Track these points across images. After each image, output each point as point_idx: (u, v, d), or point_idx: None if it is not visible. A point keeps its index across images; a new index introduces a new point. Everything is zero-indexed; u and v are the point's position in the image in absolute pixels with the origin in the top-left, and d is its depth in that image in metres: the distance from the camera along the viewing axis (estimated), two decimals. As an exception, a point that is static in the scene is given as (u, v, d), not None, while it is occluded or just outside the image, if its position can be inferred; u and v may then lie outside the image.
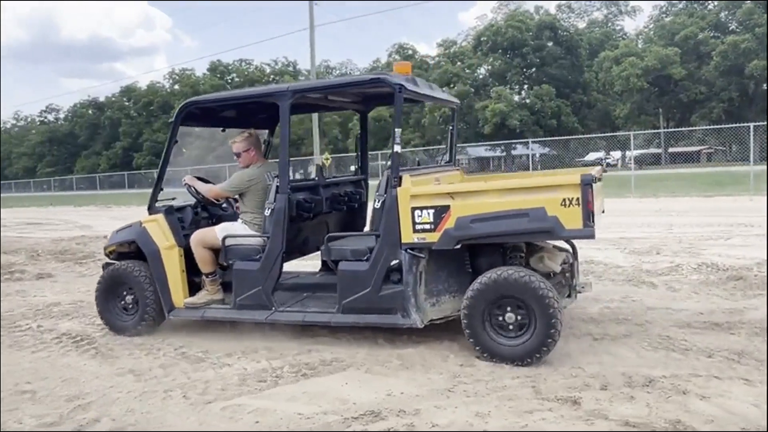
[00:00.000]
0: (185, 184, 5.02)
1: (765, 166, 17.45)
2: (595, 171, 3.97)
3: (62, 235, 13.97)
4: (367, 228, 5.31)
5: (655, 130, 38.22)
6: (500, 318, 3.82)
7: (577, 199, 3.59)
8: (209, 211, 5.23)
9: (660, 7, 47.50)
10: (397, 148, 4.05)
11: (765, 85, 38.84)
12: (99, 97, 70.28)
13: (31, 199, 41.36)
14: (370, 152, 5.67)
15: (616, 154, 43.16)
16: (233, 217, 5.07)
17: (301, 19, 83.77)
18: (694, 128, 36.01)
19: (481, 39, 48.34)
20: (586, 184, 3.57)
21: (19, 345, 4.80)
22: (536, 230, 3.72)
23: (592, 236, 3.63)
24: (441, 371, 3.73)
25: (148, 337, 4.81)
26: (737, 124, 23.41)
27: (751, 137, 18.18)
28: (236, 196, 4.90)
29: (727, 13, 41.99)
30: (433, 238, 3.91)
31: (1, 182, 59.52)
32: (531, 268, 4.14)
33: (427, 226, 3.91)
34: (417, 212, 3.93)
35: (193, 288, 4.85)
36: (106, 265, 5.19)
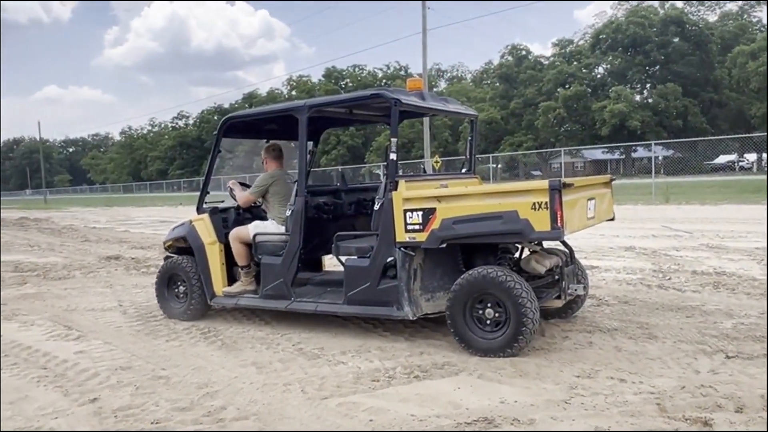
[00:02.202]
0: (228, 188, 5.63)
1: None
2: (581, 179, 4.42)
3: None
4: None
5: (798, 130, 34.75)
6: (480, 313, 4.15)
7: (546, 203, 3.82)
8: (252, 212, 5.76)
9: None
10: (393, 156, 4.40)
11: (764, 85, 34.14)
12: (224, 104, 75.13)
13: (163, 199, 44.82)
14: (481, 155, 5.85)
15: (751, 157, 39.76)
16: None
17: (414, 23, 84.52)
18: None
19: (600, 37, 46.45)
20: (554, 189, 3.81)
21: (155, 334, 5.21)
22: (508, 231, 3.98)
23: (559, 238, 3.97)
24: (557, 381, 3.61)
25: (269, 331, 5.06)
26: None
27: None
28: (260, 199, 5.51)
29: None
30: (421, 237, 4.25)
31: (133, 183, 64.88)
32: (521, 269, 4.52)
33: (417, 227, 4.27)
34: (408, 214, 4.29)
35: (232, 280, 5.50)
36: (166, 258, 5.93)
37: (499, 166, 41.03)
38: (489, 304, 4.11)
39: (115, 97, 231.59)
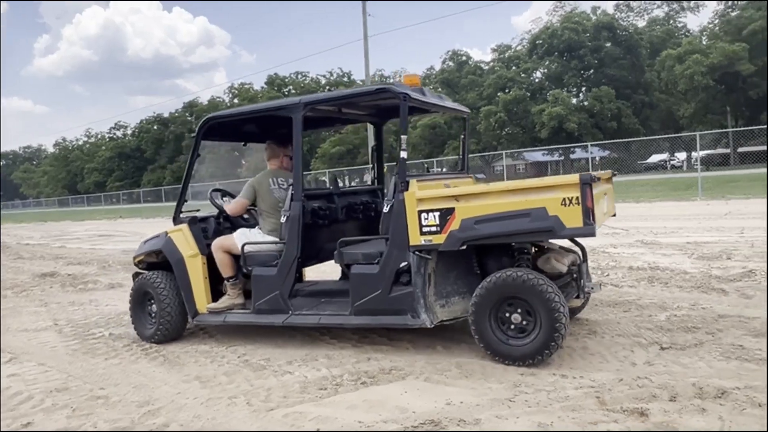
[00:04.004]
0: (210, 196, 5.25)
1: None
2: (600, 173, 4.20)
3: (131, 246, 14.55)
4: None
5: (723, 130, 36.61)
6: (506, 318, 3.92)
7: (577, 198, 3.67)
8: (232, 222, 5.39)
9: (725, 2, 45.59)
10: (404, 155, 4.15)
11: (765, 86, 36.61)
12: (163, 113, 73.25)
13: (102, 212, 43.31)
14: (425, 159, 5.82)
15: (681, 156, 41.67)
16: (252, 226, 5.24)
17: (356, 29, 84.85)
18: (765, 126, 34.25)
19: (537, 42, 47.70)
20: (585, 183, 3.65)
21: (93, 352, 5.02)
22: (538, 230, 3.78)
23: (592, 234, 3.71)
24: (501, 380, 3.68)
25: (214, 344, 4.96)
26: (813, 121, 22.14)
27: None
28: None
29: (799, 4, 39.90)
30: (439, 239, 4.01)
31: (69, 197, 62.54)
32: (538, 269, 4.23)
33: (434, 228, 4.02)
34: (423, 215, 4.05)
35: (217, 296, 5.09)
36: (135, 275, 5.47)
37: (444, 170, 41.56)
38: (515, 309, 3.89)
39: (48, 108, 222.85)
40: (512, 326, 3.91)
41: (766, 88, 33.22)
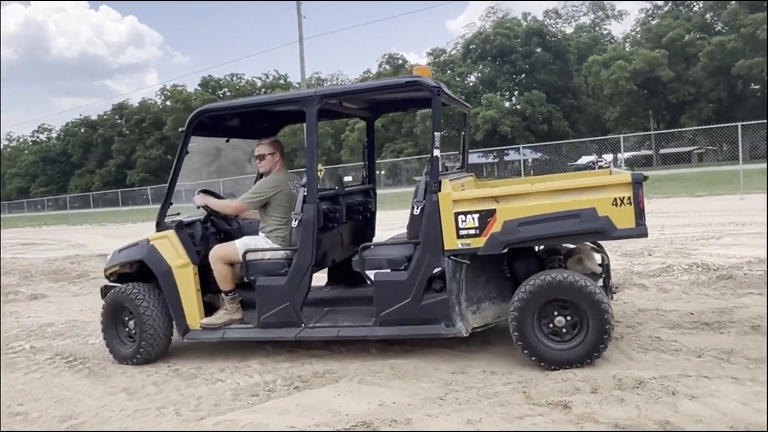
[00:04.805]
0: (200, 205, 4.73)
1: (754, 165, 17.56)
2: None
3: (56, 254, 13.94)
4: (385, 235, 5.27)
5: (646, 132, 38.46)
6: (549, 322, 3.77)
7: (629, 198, 3.60)
8: (217, 226, 4.96)
9: (646, 10, 47.98)
10: (437, 152, 3.94)
11: (755, 84, 39.12)
12: (91, 116, 70.43)
13: (25, 220, 41.22)
14: (363, 162, 5.65)
15: (608, 157, 43.27)
16: (239, 232, 4.92)
17: (291, 32, 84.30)
18: (684, 129, 36.19)
19: (470, 47, 48.67)
20: (637, 182, 3.60)
21: (12, 366, 4.79)
22: (588, 231, 3.69)
23: (645, 235, 3.65)
24: (433, 380, 3.74)
25: (141, 354, 4.80)
26: (726, 124, 23.53)
27: (740, 136, 18.29)
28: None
29: (712, 14, 42.37)
30: (478, 243, 3.82)
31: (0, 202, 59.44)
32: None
33: (472, 231, 3.83)
34: (461, 217, 3.84)
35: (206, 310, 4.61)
36: (105, 289, 4.85)
37: (383, 172, 41.81)
38: (558, 312, 3.74)
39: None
40: (557, 330, 3.76)
41: (767, 87, 34.83)
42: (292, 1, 29.66)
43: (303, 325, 4.23)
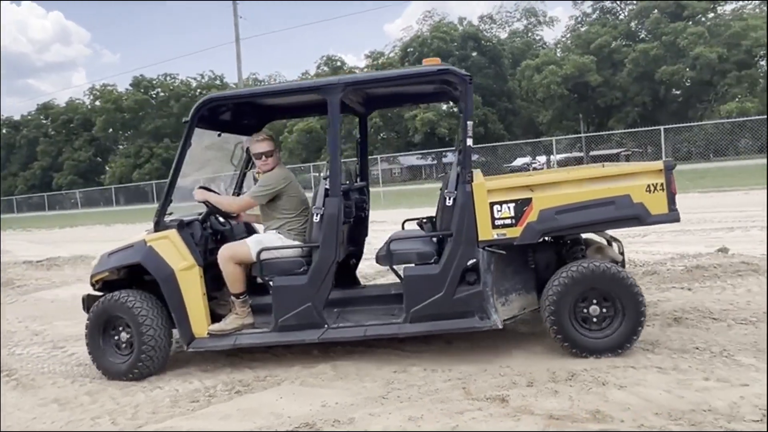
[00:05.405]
0: (201, 200, 4.43)
1: (680, 166, 18.46)
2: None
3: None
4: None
5: (577, 135, 39.92)
6: (584, 311, 3.83)
7: (662, 184, 3.73)
8: (212, 227, 4.66)
9: (575, 18, 49.78)
10: (470, 142, 3.87)
11: (676, 90, 41.25)
12: (14, 116, 67.04)
13: (-60, 226, 38.70)
14: (303, 164, 5.58)
15: (542, 159, 44.72)
16: (230, 233, 4.72)
17: (227, 32, 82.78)
18: (612, 132, 37.81)
19: (408, 50, 49.15)
20: (669, 169, 3.75)
21: (-70, 381, 4.51)
22: (623, 217, 3.78)
23: (677, 220, 3.79)
24: (375, 379, 3.78)
25: (74, 364, 4.65)
26: (650, 128, 24.75)
27: (662, 139, 19.28)
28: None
29: (636, 22, 44.41)
30: (514, 233, 3.82)
31: None
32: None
33: (508, 221, 3.81)
34: (496, 207, 3.82)
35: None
36: (89, 299, 4.43)
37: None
38: (593, 301, 3.81)
39: None
40: (592, 319, 3.83)
41: (767, 87, 36.11)
42: (228, 1, 29.12)
43: (326, 326, 4.04)
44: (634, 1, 44.40)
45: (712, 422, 2.86)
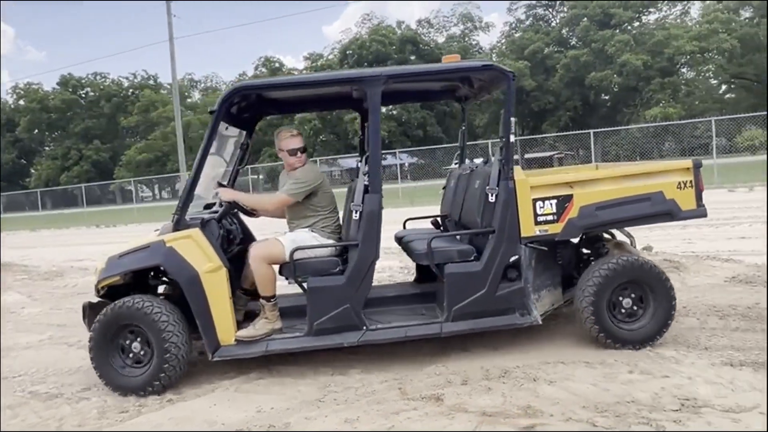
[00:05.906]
0: (228, 200, 4.19)
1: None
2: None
3: None
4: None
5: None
6: (618, 303, 3.96)
7: (691, 181, 3.94)
8: (224, 226, 4.33)
9: (510, 24, 51.10)
10: (512, 138, 3.92)
11: (605, 95, 42.96)
12: (-73, 115, 62.88)
13: None
14: (250, 166, 5.40)
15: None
16: (241, 233, 4.53)
17: (160, 31, 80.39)
18: (545, 135, 39.02)
19: (347, 52, 49.22)
20: (698, 167, 3.94)
21: None
22: (658, 213, 3.97)
23: (705, 215, 3.99)
24: (312, 383, 3.76)
25: (-8, 377, 4.39)
26: (581, 131, 25.70)
27: (592, 142, 20.04)
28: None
29: (567, 29, 46.02)
30: (556, 229, 3.91)
31: None
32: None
33: (550, 218, 3.90)
34: (539, 203, 3.90)
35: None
36: (91, 306, 4.08)
37: (261, 177, 41.13)
38: (627, 294, 3.94)
39: None
40: (625, 311, 3.95)
41: (767, 86, 37.05)
42: (162, 0, 28.29)
43: (365, 327, 3.90)
44: (565, 9, 46.01)
45: (635, 413, 2.99)
